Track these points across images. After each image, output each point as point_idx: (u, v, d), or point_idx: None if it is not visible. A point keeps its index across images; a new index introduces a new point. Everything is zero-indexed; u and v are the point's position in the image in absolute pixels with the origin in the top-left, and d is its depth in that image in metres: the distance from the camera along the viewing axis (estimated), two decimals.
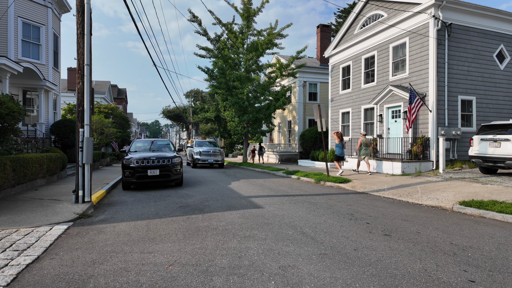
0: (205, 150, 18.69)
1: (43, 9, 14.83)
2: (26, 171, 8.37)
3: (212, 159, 18.50)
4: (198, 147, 19.33)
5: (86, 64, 6.79)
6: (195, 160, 18.58)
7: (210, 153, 18.61)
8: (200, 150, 18.69)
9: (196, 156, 18.60)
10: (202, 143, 20.62)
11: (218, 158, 18.74)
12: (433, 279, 3.02)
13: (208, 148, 19.04)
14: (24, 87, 15.03)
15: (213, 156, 18.60)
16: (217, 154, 18.78)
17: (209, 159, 18.48)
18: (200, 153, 18.49)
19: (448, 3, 12.40)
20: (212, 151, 18.69)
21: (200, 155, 18.44)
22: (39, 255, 3.75)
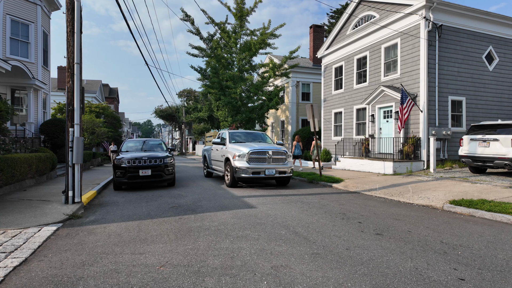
0: (258, 150, 9.45)
1: (32, 6, 14.57)
2: (14, 171, 8.21)
3: (273, 169, 9.41)
4: (239, 145, 10.08)
5: (76, 63, 6.69)
6: (236, 170, 9.29)
7: (270, 156, 9.46)
8: (247, 149, 9.38)
9: (237, 162, 9.33)
10: (242, 136, 11.27)
11: (284, 167, 9.61)
12: (424, 278, 3.05)
13: (262, 147, 9.75)
14: (12, 86, 14.74)
15: (275, 162, 9.57)
16: (281, 159, 9.68)
17: (267, 168, 9.34)
18: (248, 157, 9.28)
19: (439, 5, 12.57)
20: (272, 151, 9.55)
21: (250, 161, 9.27)
22: (27, 257, 3.67)
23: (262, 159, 9.41)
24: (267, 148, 9.62)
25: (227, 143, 10.52)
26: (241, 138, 11.04)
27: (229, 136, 10.91)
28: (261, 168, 9.29)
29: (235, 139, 10.83)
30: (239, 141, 10.65)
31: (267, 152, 9.47)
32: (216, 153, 11.48)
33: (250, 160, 9.28)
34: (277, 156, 9.57)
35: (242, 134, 11.37)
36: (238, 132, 11.53)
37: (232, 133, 11.27)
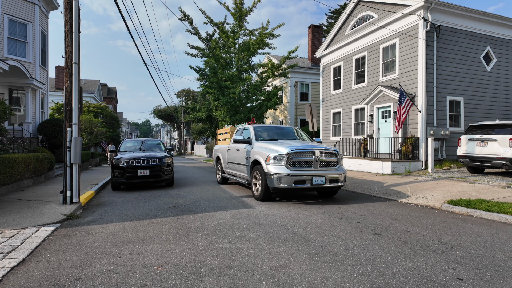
0: (301, 150, 6.99)
1: (30, 6, 14.52)
2: (12, 171, 8.17)
3: (323, 177, 6.95)
4: (270, 143, 7.70)
5: (74, 63, 6.66)
6: (271, 178, 6.83)
7: (317, 159, 7.02)
8: (286, 149, 6.93)
9: (272, 167, 6.91)
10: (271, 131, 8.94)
11: (336, 173, 7.19)
12: (422, 277, 3.05)
13: (306, 145, 7.31)
14: (10, 86, 14.68)
15: (325, 166, 7.15)
16: (331, 162, 7.27)
17: (315, 175, 6.88)
18: (288, 159, 6.86)
19: (437, 5, 12.60)
20: (320, 152, 7.10)
21: (291, 165, 6.87)
22: (25, 258, 3.66)
23: (307, 163, 6.86)
24: (313, 148, 7.00)
25: (253, 141, 8.09)
26: (270, 134, 8.64)
27: (254, 132, 8.39)
28: (306, 176, 6.66)
29: (262, 136, 8.40)
30: (268, 139, 8.28)
31: (313, 153, 6.88)
32: (235, 154, 8.95)
33: (290, 164, 6.74)
34: (327, 158, 7.05)
35: (271, 130, 8.97)
36: (265, 127, 9.01)
37: (258, 128, 8.75)
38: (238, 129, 9.75)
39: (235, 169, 9.13)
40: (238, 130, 9.66)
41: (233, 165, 9.25)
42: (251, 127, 8.75)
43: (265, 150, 7.26)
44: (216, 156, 11.05)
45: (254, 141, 8.06)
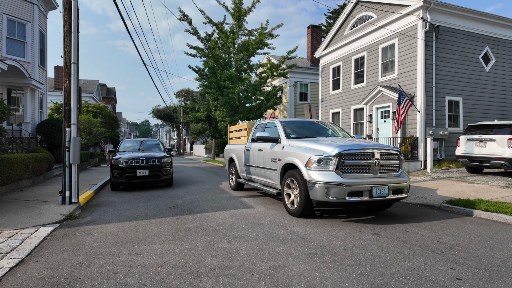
0: (356, 149, 5.25)
1: (28, 5, 14.49)
2: (11, 171, 8.16)
3: (385, 186, 5.20)
4: (307, 141, 6.02)
5: (73, 62, 6.66)
6: (315, 187, 5.10)
7: (377, 161, 5.27)
8: (333, 148, 5.22)
9: (316, 173, 5.21)
10: (303, 127, 7.32)
11: (400, 180, 5.47)
12: (421, 277, 3.06)
13: (359, 144, 5.53)
14: (9, 86, 14.65)
15: (386, 171, 5.45)
16: (393, 166, 5.54)
17: (375, 183, 5.13)
18: (339, 162, 5.12)
19: (436, 6, 12.63)
20: (380, 152, 5.38)
21: (342, 170, 5.14)
22: (24, 258, 3.65)
23: (363, 168, 5.21)
24: (371, 147, 5.35)
25: (282, 139, 6.43)
26: (302, 130, 6.96)
27: (283, 127, 6.74)
28: (365, 185, 5.03)
29: (294, 132, 6.75)
30: (301, 136, 6.63)
31: (372, 154, 5.25)
32: (257, 156, 7.31)
33: (342, 170, 5.10)
34: (388, 161, 5.41)
35: (302, 125, 7.27)
36: (295, 122, 7.35)
37: (287, 123, 7.09)
38: (258, 125, 8.04)
39: (256, 173, 7.44)
40: (258, 126, 7.97)
41: (253, 168, 7.57)
42: (278, 122, 7.01)
43: (303, 150, 5.56)
44: (229, 157, 9.41)
45: (284, 139, 6.36)
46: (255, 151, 7.46)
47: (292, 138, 6.47)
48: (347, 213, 6.00)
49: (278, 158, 6.28)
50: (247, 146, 8.11)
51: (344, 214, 5.95)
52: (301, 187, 5.36)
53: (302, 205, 5.40)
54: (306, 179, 5.28)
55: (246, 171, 8.11)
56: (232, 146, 9.53)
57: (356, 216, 5.74)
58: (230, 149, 9.59)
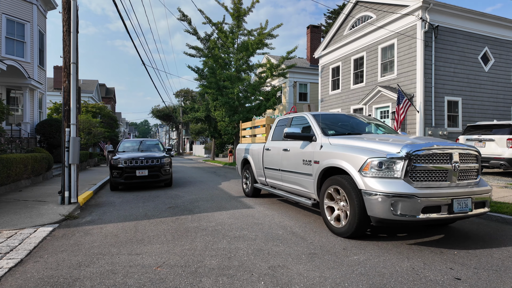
0: (427, 149, 3.93)
1: (28, 5, 14.47)
2: (10, 171, 8.15)
3: (468, 198, 3.98)
4: (355, 139, 4.68)
5: (72, 62, 6.65)
6: (375, 200, 3.83)
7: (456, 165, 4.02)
8: (401, 149, 3.93)
9: (375, 181, 3.91)
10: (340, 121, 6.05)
11: (483, 191, 4.19)
12: (420, 277, 3.06)
13: (432, 142, 4.12)
14: (8, 86, 14.63)
15: (465, 178, 4.18)
16: (472, 171, 4.27)
17: (455, 195, 3.89)
18: (407, 166, 3.85)
19: (435, 6, 12.65)
20: (459, 153, 4.11)
21: (413, 177, 3.87)
22: (23, 258, 3.65)
23: (439, 173, 4.01)
24: (448, 145, 4.15)
25: (317, 135, 5.21)
26: (340, 125, 5.85)
27: (316, 122, 5.51)
28: (444, 197, 3.85)
29: (331, 127, 5.54)
30: (343, 132, 5.52)
31: (450, 156, 4.05)
32: (282, 157, 6.08)
33: (412, 176, 3.92)
34: (468, 165, 4.20)
35: (338, 118, 6.07)
36: (331, 115, 6.02)
37: (320, 116, 5.73)
38: (280, 120, 6.78)
39: (280, 178, 6.24)
40: (281, 121, 6.73)
41: (275, 172, 6.36)
42: (309, 115, 5.72)
43: (354, 150, 4.28)
44: (243, 158, 8.23)
45: (322, 136, 5.10)
46: (279, 152, 6.20)
47: (331, 135, 5.19)
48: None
49: (315, 161, 4.97)
50: (266, 145, 6.87)
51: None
52: (353, 199, 4.08)
53: (354, 223, 4.06)
54: (362, 188, 3.99)
55: (265, 175, 6.93)
56: (246, 146, 8.23)
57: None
58: (244, 149, 8.32)
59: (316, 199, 5.14)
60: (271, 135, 6.91)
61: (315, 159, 5.00)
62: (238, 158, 8.65)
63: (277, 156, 6.29)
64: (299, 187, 5.55)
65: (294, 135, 5.43)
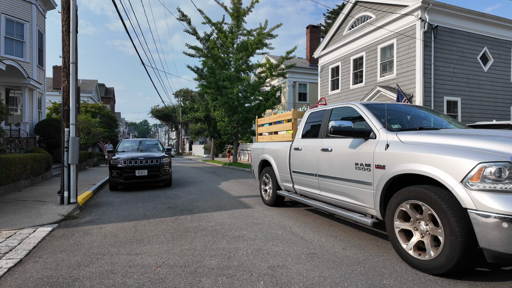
0: None
1: (27, 5, 14.46)
2: (9, 171, 8.14)
3: None
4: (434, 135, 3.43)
5: (71, 62, 6.65)
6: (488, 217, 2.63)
7: None
8: None
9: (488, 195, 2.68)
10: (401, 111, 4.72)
11: None
12: (420, 277, 3.06)
13: None
14: (7, 86, 14.61)
15: None
16: None
17: None
18: None
19: (435, 6, 12.66)
20: None
21: None
22: (22, 258, 3.64)
23: None
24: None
25: (378, 130, 3.96)
26: (402, 118, 4.60)
27: (372, 113, 4.25)
28: None
29: (395, 122, 4.36)
30: (407, 127, 4.38)
31: None
32: (319, 159, 4.87)
33: None
34: None
35: (398, 109, 4.78)
36: (389, 107, 4.63)
37: (376, 107, 4.46)
38: (313, 113, 5.53)
39: (317, 186, 4.95)
40: (313, 114, 5.49)
41: (310, 178, 5.08)
42: (360, 105, 4.45)
43: (449, 151, 3.06)
44: (261, 160, 7.03)
45: (384, 132, 3.85)
46: (314, 152, 4.96)
47: (397, 130, 3.97)
48: None
49: (377, 165, 3.72)
50: (295, 144, 5.65)
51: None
52: (450, 222, 2.88)
53: (454, 255, 2.86)
54: (468, 207, 2.80)
55: (293, 180, 5.71)
56: (265, 145, 6.96)
57: None
58: (262, 148, 7.09)
59: (378, 217, 3.83)
60: (300, 132, 5.65)
61: (378, 163, 3.71)
62: (254, 159, 7.49)
63: (312, 158, 5.01)
64: (348, 199, 4.24)
65: (346, 131, 4.00)
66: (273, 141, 6.74)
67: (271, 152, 6.60)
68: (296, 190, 5.71)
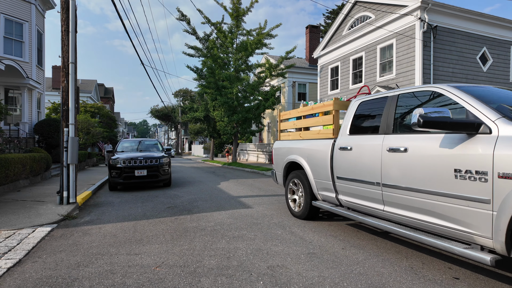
0: None
1: (26, 5, 14.43)
2: (8, 171, 8.12)
3: None
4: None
5: (71, 62, 6.64)
6: None
7: None
8: None
9: None
10: None
11: None
12: (419, 277, 3.07)
13: None
14: (6, 86, 14.59)
15: None
16: None
17: None
18: None
19: (434, 6, 12.67)
20: None
21: None
22: (21, 258, 3.64)
23: None
24: None
25: (493, 123, 2.71)
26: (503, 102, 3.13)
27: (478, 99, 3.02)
28: None
29: None
30: None
31: None
32: (386, 162, 3.63)
33: None
34: None
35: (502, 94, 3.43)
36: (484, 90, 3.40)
37: (476, 90, 3.28)
38: (363, 102, 4.39)
39: (380, 199, 3.77)
40: (365, 104, 4.34)
41: (368, 188, 3.92)
42: (453, 88, 3.32)
43: None
44: (288, 162, 5.80)
45: (503, 124, 2.69)
46: (376, 152, 3.79)
47: None
48: None
49: (502, 174, 2.53)
50: (341, 142, 4.42)
51: None
52: None
53: None
54: None
55: (338, 189, 4.46)
56: (294, 144, 5.70)
57: None
58: (289, 148, 5.83)
59: (498, 252, 2.64)
60: (347, 127, 4.44)
61: (504, 170, 2.51)
62: (277, 161, 6.29)
63: (371, 161, 3.84)
64: (439, 221, 3.07)
65: (447, 123, 2.82)
66: (304, 139, 5.50)
67: (302, 152, 5.35)
68: (342, 202, 4.46)
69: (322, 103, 5.29)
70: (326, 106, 5.12)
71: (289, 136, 6.18)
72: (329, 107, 5.02)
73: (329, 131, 4.91)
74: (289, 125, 6.27)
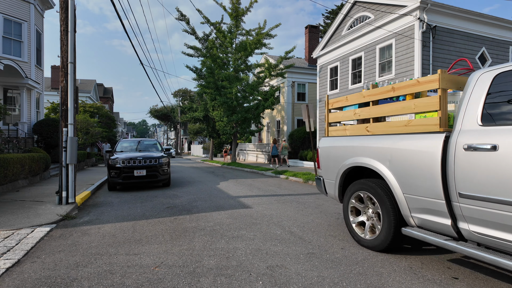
0: None
1: (25, 5, 14.41)
2: (7, 171, 8.11)
3: None
4: None
5: (70, 62, 6.63)
6: None
7: None
8: None
9: None
10: None
11: None
12: (418, 277, 3.07)
13: None
14: (5, 85, 14.56)
15: None
16: None
17: None
18: None
19: (433, 6, 12.69)
20: None
21: None
22: (20, 259, 3.63)
23: None
24: None
25: None
26: None
27: None
28: None
29: None
30: None
31: None
32: None
33: None
34: None
35: None
36: None
37: None
38: (507, 72, 2.77)
39: None
40: (507, 74, 2.76)
41: None
42: None
43: None
44: (348, 167, 4.21)
45: None
46: None
47: None
48: None
49: None
50: (466, 138, 2.84)
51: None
52: None
53: None
54: None
55: (465, 213, 2.83)
56: (359, 141, 4.06)
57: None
58: (351, 147, 4.19)
59: None
60: (477, 113, 2.88)
61: None
62: (327, 165, 4.67)
63: None
64: None
65: None
66: (376, 134, 3.88)
67: (379, 153, 3.69)
68: (467, 234, 2.90)
69: (416, 79, 3.46)
70: (424, 84, 3.33)
71: (346, 131, 4.45)
72: (431, 84, 3.25)
73: (430, 122, 3.22)
74: (345, 115, 4.53)
